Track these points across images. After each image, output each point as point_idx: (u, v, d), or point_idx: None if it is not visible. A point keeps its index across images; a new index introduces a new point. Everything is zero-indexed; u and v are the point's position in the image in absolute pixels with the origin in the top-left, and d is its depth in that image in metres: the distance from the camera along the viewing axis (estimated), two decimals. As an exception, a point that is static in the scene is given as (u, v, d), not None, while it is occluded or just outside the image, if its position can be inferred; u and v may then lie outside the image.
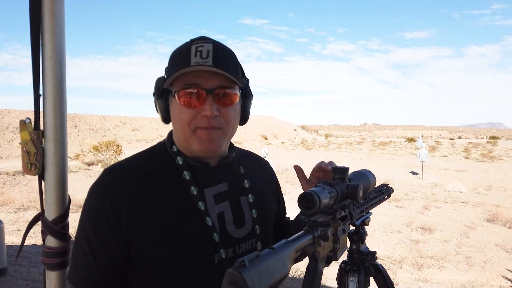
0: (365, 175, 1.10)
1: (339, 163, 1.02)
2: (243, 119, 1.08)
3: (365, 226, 1.17)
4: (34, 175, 1.03)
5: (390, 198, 1.29)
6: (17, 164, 15.19)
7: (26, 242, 6.56)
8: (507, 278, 5.54)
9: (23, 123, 1.00)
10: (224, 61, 0.95)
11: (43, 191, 1.05)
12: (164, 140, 1.07)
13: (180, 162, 0.99)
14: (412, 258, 6.26)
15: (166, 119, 1.00)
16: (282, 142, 47.00)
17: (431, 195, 12.00)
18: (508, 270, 5.86)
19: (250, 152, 1.26)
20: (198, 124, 0.94)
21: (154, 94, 0.99)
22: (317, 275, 0.87)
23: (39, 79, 1.02)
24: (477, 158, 26.46)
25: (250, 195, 1.07)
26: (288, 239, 0.77)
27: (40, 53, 1.01)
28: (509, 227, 8.28)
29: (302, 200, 0.84)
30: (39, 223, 1.09)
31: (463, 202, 10.98)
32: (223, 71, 0.92)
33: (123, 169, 0.98)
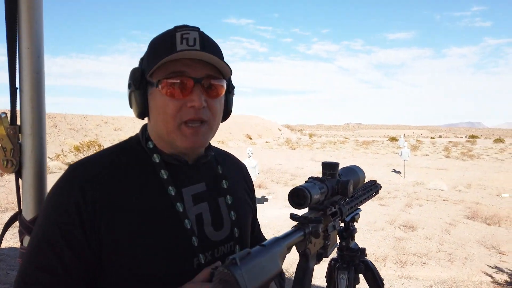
0: (355, 171, 1.09)
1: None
2: (226, 114, 1.02)
3: (355, 223, 1.16)
4: (10, 173, 0.98)
5: (370, 199, 1.27)
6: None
7: (4, 245, 6.36)
8: (487, 274, 5.65)
9: (-2, 118, 0.95)
10: (212, 49, 0.90)
11: (21, 189, 1.00)
12: (137, 135, 0.99)
13: (157, 160, 0.92)
14: (395, 256, 6.33)
15: (143, 113, 0.92)
16: (267, 142, 47.09)
17: (413, 193, 12.19)
18: (488, 266, 5.99)
19: (227, 152, 1.20)
20: (184, 117, 0.87)
21: (129, 86, 0.91)
22: (308, 272, 0.85)
23: (15, 72, 0.97)
24: (457, 156, 27.06)
25: (228, 196, 1.01)
26: (279, 236, 0.75)
27: (17, 44, 0.96)
28: (488, 224, 8.47)
29: (293, 196, 0.83)
30: (17, 223, 1.04)
31: (444, 200, 11.19)
32: (215, 56, 0.87)
33: (92, 165, 0.88)
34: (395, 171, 17.71)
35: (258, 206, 9.78)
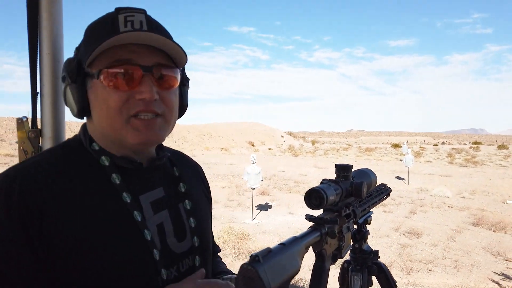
0: (367, 174, 1.11)
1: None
2: (181, 110, 0.90)
3: (367, 225, 1.17)
4: (31, 175, 0.99)
5: (381, 201, 1.28)
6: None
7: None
8: (494, 281, 5.61)
9: (20, 122, 0.97)
10: (162, 32, 0.78)
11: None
12: (76, 136, 0.85)
13: (106, 163, 0.79)
14: (401, 262, 6.29)
15: (82, 110, 0.78)
16: (270, 149, 47.10)
17: (417, 199, 12.14)
18: (495, 273, 5.94)
19: (180, 152, 1.07)
20: (131, 110, 0.75)
21: (63, 79, 0.78)
22: (325, 272, 0.86)
23: (36, 76, 0.99)
24: (461, 163, 26.97)
25: (187, 201, 0.90)
26: (297, 236, 0.77)
27: (38, 50, 0.99)
28: (494, 231, 8.42)
29: (310, 197, 0.84)
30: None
31: (449, 207, 11.14)
32: (166, 37, 0.75)
33: (30, 172, 0.73)
34: (398, 177, 17.66)
35: (262, 213, 9.78)
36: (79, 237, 0.72)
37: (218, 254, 1.16)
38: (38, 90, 1.00)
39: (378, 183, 1.33)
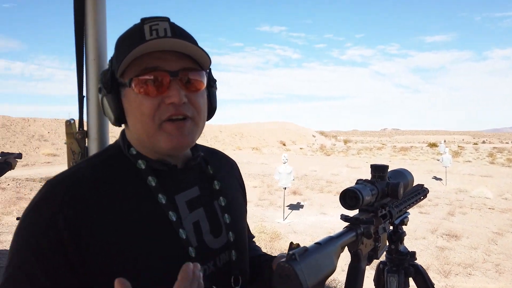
0: (403, 174, 1.09)
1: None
2: (210, 111, 0.92)
3: (403, 226, 1.15)
4: (78, 174, 1.05)
5: (418, 202, 1.26)
6: (43, 171, 15.63)
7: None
8: (539, 287, 5.33)
9: (68, 124, 1.04)
10: (185, 37, 0.80)
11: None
12: (117, 142, 0.89)
13: (143, 167, 0.82)
14: (438, 265, 6.10)
15: (119, 118, 0.82)
16: (301, 148, 46.81)
17: (456, 201, 11.69)
18: (541, 278, 5.64)
19: (215, 149, 1.09)
20: (163, 116, 0.78)
21: (100, 90, 0.82)
22: (360, 273, 0.86)
23: (82, 81, 1.05)
24: (503, 163, 25.67)
25: (221, 198, 0.93)
26: (333, 235, 0.77)
27: (84, 57, 1.05)
28: (539, 234, 7.99)
29: (345, 197, 0.84)
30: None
31: (489, 208, 10.65)
32: (190, 43, 0.78)
33: (73, 180, 0.78)
34: (435, 178, 17.07)
35: (293, 212, 9.75)
36: (116, 240, 0.75)
37: (253, 240, 1.19)
38: (84, 94, 1.06)
39: (414, 183, 1.31)
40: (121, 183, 0.81)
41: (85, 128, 1.07)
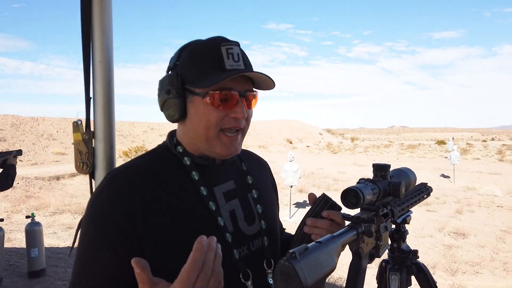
0: (406, 173, 1.10)
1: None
2: None
3: (406, 225, 1.16)
4: (85, 174, 1.08)
5: (421, 201, 1.26)
6: (52, 169, 15.80)
7: (62, 244, 6.81)
8: (548, 285, 5.28)
9: (75, 125, 1.06)
10: (249, 64, 0.98)
11: (93, 189, 1.11)
12: (164, 142, 1.03)
13: (188, 163, 0.96)
14: (445, 264, 6.08)
15: (180, 118, 0.95)
16: (308, 146, 46.69)
17: (464, 198, 11.61)
18: (550, 277, 5.59)
19: (248, 150, 1.23)
20: (224, 126, 0.93)
21: (168, 92, 0.93)
22: (361, 271, 0.88)
23: (89, 83, 1.08)
24: (512, 160, 25.42)
25: (254, 191, 1.06)
26: (334, 234, 0.79)
27: (91, 59, 1.07)
28: (549, 232, 7.90)
29: (346, 196, 0.85)
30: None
31: (498, 206, 10.56)
32: (266, 75, 0.93)
33: (129, 173, 0.92)
34: (443, 175, 16.95)
35: (300, 210, 9.75)
36: (166, 225, 0.87)
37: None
38: (91, 95, 1.09)
39: (421, 181, 1.32)
40: (169, 176, 0.94)
41: (92, 129, 1.09)
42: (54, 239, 7.14)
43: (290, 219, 8.84)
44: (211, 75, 0.90)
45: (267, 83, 0.98)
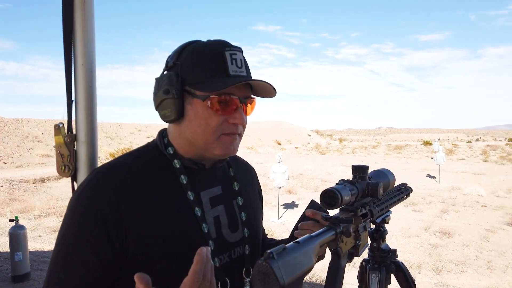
0: (384, 174, 1.13)
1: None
2: None
3: (385, 224, 1.19)
4: (67, 177, 1.08)
5: (407, 201, 1.30)
6: (37, 172, 15.55)
7: (47, 248, 6.70)
8: (530, 283, 5.41)
9: (57, 128, 1.06)
10: (250, 71, 0.98)
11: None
12: (154, 141, 1.01)
13: (178, 166, 0.95)
14: (431, 263, 6.16)
15: (177, 119, 0.93)
16: (296, 147, 46.88)
17: (449, 198, 11.79)
18: (531, 274, 5.72)
19: (237, 156, 1.21)
20: (224, 131, 0.93)
21: (166, 92, 0.91)
22: (340, 270, 0.90)
23: (71, 86, 1.08)
24: (496, 160, 25.89)
25: (239, 198, 1.06)
26: (312, 234, 0.80)
27: (73, 62, 1.08)
28: (531, 231, 8.08)
29: (325, 197, 0.88)
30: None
31: (482, 206, 10.75)
32: (270, 84, 0.93)
33: (115, 170, 0.91)
34: (429, 176, 17.19)
35: (288, 211, 9.79)
36: (149, 225, 0.86)
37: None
38: (73, 98, 1.09)
39: (407, 181, 1.35)
40: (157, 176, 0.93)
41: (74, 132, 1.09)
42: (39, 243, 7.03)
43: (278, 220, 8.86)
44: (214, 79, 0.90)
45: (267, 91, 0.98)
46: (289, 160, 23.20)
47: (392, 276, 1.17)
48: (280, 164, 9.17)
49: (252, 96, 0.98)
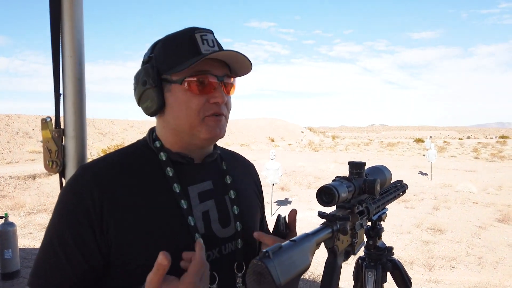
0: (381, 170, 1.11)
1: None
2: None
3: (381, 222, 1.17)
4: (55, 173, 1.05)
5: (399, 198, 1.28)
6: (28, 168, 15.37)
7: (38, 245, 6.63)
8: (520, 279, 5.46)
9: (44, 122, 1.02)
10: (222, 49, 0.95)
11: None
12: (145, 137, 1.01)
13: (164, 158, 0.94)
14: (423, 259, 6.21)
15: (159, 109, 0.93)
16: (289, 144, 46.95)
17: (441, 195, 11.89)
18: (521, 270, 5.78)
19: (234, 152, 1.21)
20: (207, 112, 0.91)
21: (144, 83, 0.91)
22: (337, 268, 0.87)
23: (59, 78, 1.04)
24: (487, 158, 26.16)
25: (231, 191, 1.03)
26: (308, 232, 0.78)
27: (60, 53, 1.04)
28: (521, 227, 8.18)
29: (321, 194, 0.85)
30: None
31: (473, 203, 10.86)
32: (242, 54, 0.91)
33: (102, 165, 0.91)
34: (421, 173, 17.32)
35: (282, 208, 9.80)
36: (133, 219, 0.86)
37: None
38: (61, 91, 1.05)
39: (399, 178, 1.33)
40: (144, 171, 0.92)
41: (62, 126, 1.06)
42: (29, 240, 6.95)
43: (271, 217, 8.86)
44: (187, 60, 0.89)
45: (243, 66, 0.96)
46: (282, 157, 23.21)
47: (388, 274, 1.15)
48: (274, 161, 9.16)
49: (232, 75, 0.97)
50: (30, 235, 7.34)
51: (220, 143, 1.09)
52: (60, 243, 0.84)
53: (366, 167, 1.08)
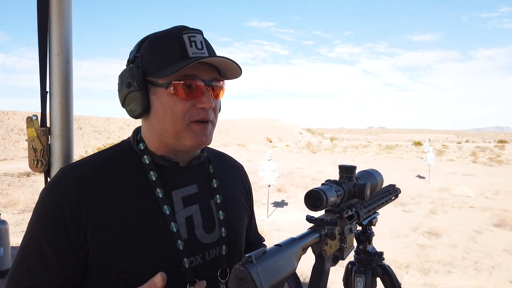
0: (372, 175, 1.09)
1: None
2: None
3: (372, 227, 1.15)
4: (40, 172, 1.03)
5: (396, 201, 1.27)
6: (22, 165, 15.32)
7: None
8: (515, 284, 5.46)
9: (29, 120, 1.01)
10: (215, 52, 0.93)
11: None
12: (129, 138, 0.98)
13: (147, 161, 0.91)
14: (418, 263, 6.19)
15: (143, 112, 0.90)
16: (287, 145, 46.94)
17: (438, 199, 11.89)
18: (517, 275, 5.78)
19: (222, 153, 1.18)
20: (193, 117, 0.88)
21: (129, 85, 0.88)
22: (324, 274, 0.86)
23: (46, 76, 1.02)
24: (485, 162, 26.20)
25: (217, 196, 1.00)
26: (295, 237, 0.77)
27: (47, 50, 1.02)
28: (517, 232, 8.17)
29: (309, 198, 0.84)
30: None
31: (470, 207, 10.86)
32: (232, 60, 0.88)
33: (82, 169, 0.88)
34: (419, 176, 17.33)
35: (278, 209, 9.79)
36: (113, 223, 0.83)
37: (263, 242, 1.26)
38: (47, 89, 1.03)
39: (397, 182, 1.32)
40: (126, 174, 0.89)
41: (48, 125, 1.04)
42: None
43: (268, 218, 8.84)
44: (173, 63, 0.86)
45: (233, 71, 0.93)
46: (279, 158, 23.20)
47: (378, 280, 1.14)
48: (271, 162, 9.15)
49: (220, 79, 0.94)
50: (23, 233, 7.29)
51: (217, 143, 1.07)
52: (36, 248, 0.82)
53: (360, 170, 1.06)
